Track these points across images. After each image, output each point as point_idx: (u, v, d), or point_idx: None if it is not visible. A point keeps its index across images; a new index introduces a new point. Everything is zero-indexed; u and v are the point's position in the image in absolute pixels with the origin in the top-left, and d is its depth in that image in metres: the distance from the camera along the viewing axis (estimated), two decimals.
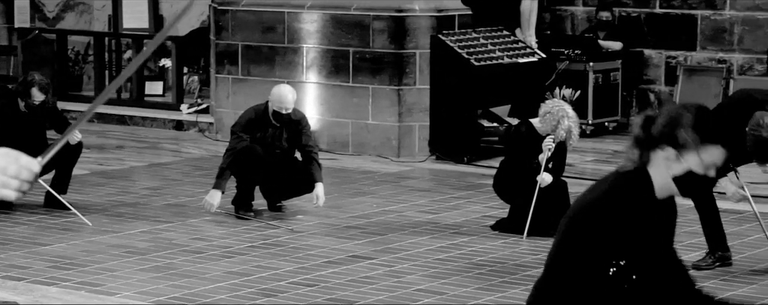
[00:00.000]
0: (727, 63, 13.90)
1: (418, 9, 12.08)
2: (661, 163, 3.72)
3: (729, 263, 8.02)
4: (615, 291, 3.69)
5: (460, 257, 8.33)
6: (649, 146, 3.73)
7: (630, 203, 3.68)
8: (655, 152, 3.72)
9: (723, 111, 7.72)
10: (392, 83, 12.05)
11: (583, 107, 12.73)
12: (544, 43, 13.33)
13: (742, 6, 13.80)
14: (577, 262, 3.70)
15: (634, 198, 3.68)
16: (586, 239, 3.68)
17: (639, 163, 3.74)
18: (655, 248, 3.74)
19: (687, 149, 3.69)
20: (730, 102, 7.87)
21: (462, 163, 11.68)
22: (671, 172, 3.71)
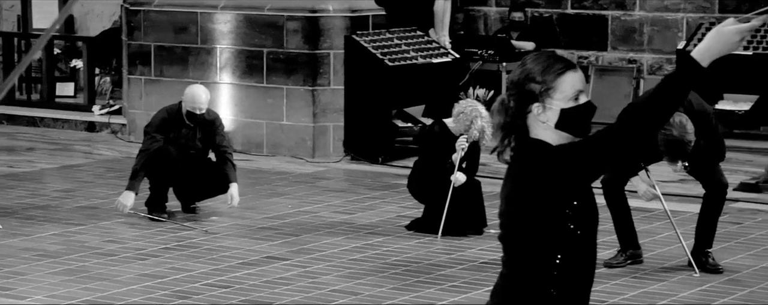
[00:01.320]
0: (638, 63, 14.08)
1: (331, 9, 12.08)
2: (537, 124, 3.72)
3: (640, 260, 8.11)
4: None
5: (375, 257, 8.34)
6: (516, 120, 3.74)
7: (550, 154, 3.69)
8: (527, 119, 3.73)
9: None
10: (306, 84, 12.03)
11: None
12: (457, 44, 13.40)
13: (651, 7, 13.99)
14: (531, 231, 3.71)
15: (544, 165, 3.69)
16: (534, 202, 3.69)
17: (522, 141, 3.74)
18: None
19: (545, 95, 3.70)
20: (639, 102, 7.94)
21: (376, 163, 11.70)
22: (550, 123, 3.71)
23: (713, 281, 7.73)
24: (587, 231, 3.74)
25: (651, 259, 8.20)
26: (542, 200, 3.67)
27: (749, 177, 10.69)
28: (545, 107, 3.71)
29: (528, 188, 3.69)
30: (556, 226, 3.69)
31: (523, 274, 3.73)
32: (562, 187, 3.66)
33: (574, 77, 3.73)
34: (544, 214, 3.68)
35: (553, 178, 3.66)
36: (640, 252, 8.15)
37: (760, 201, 10.04)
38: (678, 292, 7.50)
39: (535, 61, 3.75)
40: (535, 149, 3.71)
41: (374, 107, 11.79)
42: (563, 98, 3.70)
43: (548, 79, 3.71)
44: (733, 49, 3.65)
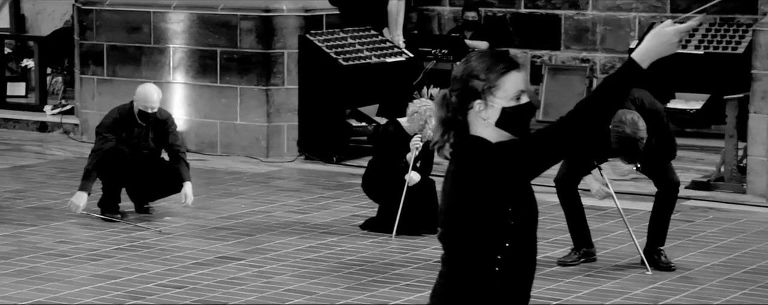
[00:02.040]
0: (590, 62, 14.15)
1: (285, 9, 12.05)
2: (478, 121, 3.75)
3: (593, 259, 8.16)
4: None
5: (330, 256, 8.34)
6: (457, 116, 3.76)
7: (489, 151, 3.70)
8: (467, 116, 3.76)
9: None
10: (260, 83, 12.00)
11: None
12: (411, 43, 13.41)
13: (603, 6, 14.06)
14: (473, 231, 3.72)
15: (483, 162, 3.70)
16: (475, 202, 3.70)
17: (462, 137, 3.75)
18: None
19: (487, 93, 3.73)
20: None
21: (331, 163, 11.69)
22: (491, 121, 3.74)
23: (665, 278, 7.79)
24: (527, 228, 3.77)
25: (604, 257, 8.24)
26: (481, 197, 3.69)
27: (701, 175, 10.77)
28: (487, 104, 3.74)
29: (467, 186, 3.71)
30: (496, 223, 3.71)
31: (463, 272, 3.74)
32: (501, 184, 3.69)
33: (517, 77, 3.76)
34: (484, 211, 3.70)
35: (492, 175, 3.68)
36: (594, 250, 8.19)
37: (712, 199, 10.12)
38: (630, 290, 7.54)
39: (479, 59, 3.78)
40: (475, 146, 3.73)
41: (328, 106, 11.78)
42: (505, 97, 3.73)
43: (492, 77, 3.74)
44: (672, 50, 3.71)
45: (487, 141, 3.73)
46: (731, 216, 9.55)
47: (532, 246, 3.81)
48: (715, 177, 10.54)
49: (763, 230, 9.09)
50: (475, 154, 3.72)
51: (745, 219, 9.45)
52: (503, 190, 3.69)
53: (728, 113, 10.51)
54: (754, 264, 8.12)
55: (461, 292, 3.74)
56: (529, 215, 3.76)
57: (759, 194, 10.11)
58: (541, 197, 10.33)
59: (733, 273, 7.91)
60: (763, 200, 10.00)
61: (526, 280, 3.80)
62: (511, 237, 3.73)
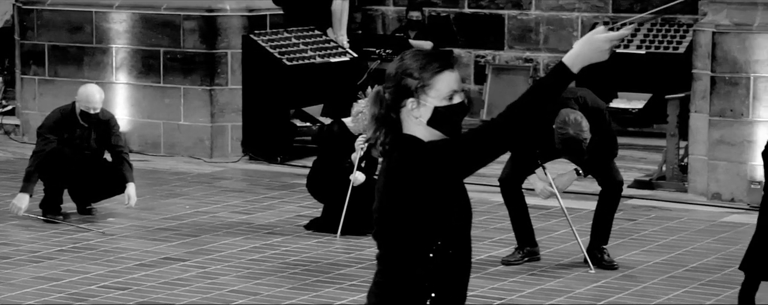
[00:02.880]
0: (534, 62, 14.22)
1: (229, 9, 12.01)
2: (410, 120, 3.77)
3: (537, 258, 8.19)
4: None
5: (274, 257, 8.32)
6: (390, 114, 3.77)
7: (421, 150, 3.71)
8: (400, 113, 3.77)
9: None
10: (204, 84, 11.95)
11: None
12: (355, 43, 13.41)
13: (547, 6, 14.14)
14: (404, 236, 3.73)
15: (415, 160, 3.71)
16: (405, 210, 3.71)
17: (391, 139, 3.77)
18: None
19: (420, 91, 3.75)
20: None
21: (275, 163, 11.67)
22: (423, 120, 3.75)
23: (608, 277, 7.84)
24: (460, 227, 3.78)
25: (548, 256, 8.28)
26: (413, 195, 3.70)
27: (643, 174, 10.86)
28: (420, 103, 3.75)
29: (399, 184, 3.72)
30: (428, 222, 3.72)
31: (397, 270, 3.75)
32: (433, 183, 3.70)
33: (451, 76, 3.78)
34: (415, 210, 3.71)
35: (424, 174, 3.69)
36: (537, 250, 8.23)
37: (654, 198, 10.20)
38: (574, 289, 7.59)
39: (413, 57, 3.79)
40: (407, 145, 3.75)
41: (273, 106, 11.75)
42: (438, 96, 3.75)
43: (425, 76, 3.75)
44: (602, 57, 3.76)
45: (420, 140, 3.75)
46: (673, 215, 9.63)
47: (467, 244, 3.82)
48: (657, 176, 10.63)
49: (704, 228, 9.18)
50: (407, 153, 3.73)
51: (687, 218, 9.53)
52: (435, 189, 3.71)
53: (670, 113, 10.60)
54: (696, 262, 8.19)
55: (395, 291, 3.75)
56: (462, 214, 3.78)
57: (700, 192, 10.20)
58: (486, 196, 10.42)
59: (675, 271, 7.98)
60: (704, 199, 10.10)
61: (462, 279, 3.81)
62: (444, 235, 3.74)
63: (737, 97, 9.91)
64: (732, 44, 9.92)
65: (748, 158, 9.80)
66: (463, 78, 15.49)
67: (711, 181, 10.08)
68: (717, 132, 10.02)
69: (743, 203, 9.80)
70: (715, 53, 10.02)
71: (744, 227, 8.92)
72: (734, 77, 9.92)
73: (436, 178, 3.70)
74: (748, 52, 9.86)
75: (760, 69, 9.76)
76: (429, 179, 3.70)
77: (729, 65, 9.94)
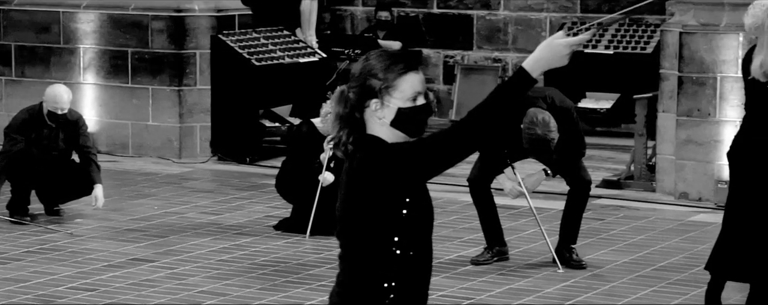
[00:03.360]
0: (503, 62, 14.25)
1: (197, 9, 11.99)
2: (374, 120, 3.78)
3: (506, 257, 8.21)
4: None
5: (243, 257, 8.31)
6: (354, 113, 3.78)
7: (384, 151, 3.72)
8: (364, 114, 3.78)
9: None
10: (172, 84, 11.92)
11: None
12: (324, 43, 13.41)
13: (515, 6, 14.17)
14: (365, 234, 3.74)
15: (377, 161, 3.71)
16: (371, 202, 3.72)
17: (355, 139, 3.78)
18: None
19: (384, 93, 3.76)
20: None
21: (244, 163, 11.65)
22: (386, 121, 3.77)
23: (577, 276, 7.87)
24: (422, 229, 3.79)
25: (516, 256, 8.30)
26: (375, 196, 3.71)
27: (611, 174, 10.90)
28: (383, 104, 3.76)
29: (361, 185, 3.73)
30: (389, 223, 3.72)
31: (359, 270, 3.76)
32: (394, 185, 3.71)
33: (415, 78, 3.78)
34: (377, 211, 3.72)
35: (386, 176, 3.70)
36: (506, 249, 8.24)
37: (622, 197, 10.24)
38: (543, 288, 7.61)
39: (378, 58, 3.80)
40: (370, 146, 3.75)
41: (241, 107, 11.74)
42: (402, 97, 3.76)
43: (389, 77, 3.76)
44: (562, 62, 3.78)
45: (383, 141, 3.75)
46: (641, 214, 9.67)
47: (428, 246, 3.83)
48: (626, 176, 10.67)
49: (672, 227, 9.22)
50: (370, 154, 3.74)
51: (655, 217, 9.58)
52: (397, 190, 3.71)
53: (637, 112, 10.65)
54: (663, 262, 8.23)
55: (356, 291, 3.76)
56: (423, 215, 3.78)
57: (668, 192, 10.25)
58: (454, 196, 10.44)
59: (643, 271, 8.01)
60: (671, 198, 10.14)
61: (423, 280, 3.82)
62: (406, 236, 3.75)
63: (704, 97, 9.96)
64: (699, 44, 9.97)
65: (715, 158, 9.85)
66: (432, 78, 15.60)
67: (678, 180, 10.13)
68: (684, 132, 10.07)
69: (710, 203, 9.86)
70: (682, 53, 10.07)
71: (711, 226, 8.97)
72: (701, 77, 9.97)
73: (398, 180, 3.70)
74: (715, 52, 9.91)
75: (727, 69, 9.81)
76: (391, 181, 3.70)
77: (696, 65, 9.99)
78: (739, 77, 9.25)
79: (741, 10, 9.55)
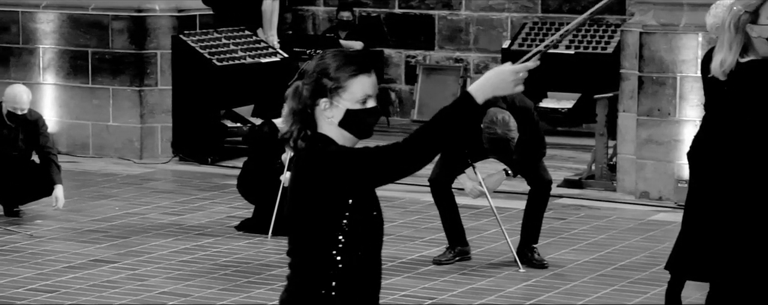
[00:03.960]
0: (464, 62, 14.28)
1: (158, 9, 11.94)
2: (323, 119, 3.81)
3: (468, 257, 8.23)
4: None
5: (205, 258, 8.29)
6: (306, 110, 3.81)
7: (330, 153, 3.73)
8: (315, 112, 3.81)
9: None
10: (133, 84, 11.87)
11: None
12: (286, 43, 13.39)
13: (476, 6, 14.20)
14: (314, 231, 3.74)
15: (320, 162, 3.73)
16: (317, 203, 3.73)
17: (306, 135, 3.81)
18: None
19: (335, 93, 3.78)
20: None
21: (206, 164, 11.62)
22: (334, 120, 3.79)
23: (538, 276, 7.89)
24: (368, 232, 3.79)
25: (478, 255, 8.32)
26: (317, 196, 3.72)
27: (572, 174, 10.94)
28: (332, 103, 3.78)
29: (304, 183, 3.74)
30: (332, 225, 3.73)
31: (305, 272, 3.77)
32: (335, 187, 3.72)
33: (366, 81, 3.80)
34: (319, 211, 3.72)
35: (326, 177, 3.72)
36: (468, 249, 8.26)
37: (583, 197, 10.28)
38: (504, 288, 7.63)
39: (333, 57, 3.82)
40: (317, 145, 3.77)
41: (203, 107, 11.70)
42: (351, 99, 3.78)
43: (341, 77, 3.78)
44: (507, 89, 3.79)
45: (332, 141, 3.77)
46: (602, 214, 9.72)
47: (376, 251, 3.83)
48: (587, 175, 10.72)
49: (632, 227, 9.27)
50: (314, 153, 3.75)
51: (615, 216, 9.62)
52: (339, 193, 3.72)
53: (598, 112, 10.69)
54: (624, 261, 8.27)
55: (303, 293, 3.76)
56: (369, 219, 3.79)
57: (628, 191, 10.30)
58: (416, 196, 10.45)
59: (604, 270, 8.05)
60: (632, 198, 10.19)
61: (371, 286, 3.82)
62: (349, 240, 3.75)
63: (664, 96, 10.02)
64: (659, 44, 10.03)
65: (675, 157, 9.91)
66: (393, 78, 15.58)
67: (639, 180, 10.18)
68: (645, 131, 10.13)
69: (671, 202, 9.91)
70: (642, 53, 10.12)
71: (671, 225, 9.02)
72: (661, 76, 10.02)
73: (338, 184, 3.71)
74: (675, 52, 9.97)
75: (687, 69, 9.87)
76: (331, 184, 3.71)
77: (656, 65, 10.04)
78: (698, 76, 9.32)
79: (700, 10, 9.63)
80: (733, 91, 5.43)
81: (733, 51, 5.28)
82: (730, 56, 5.30)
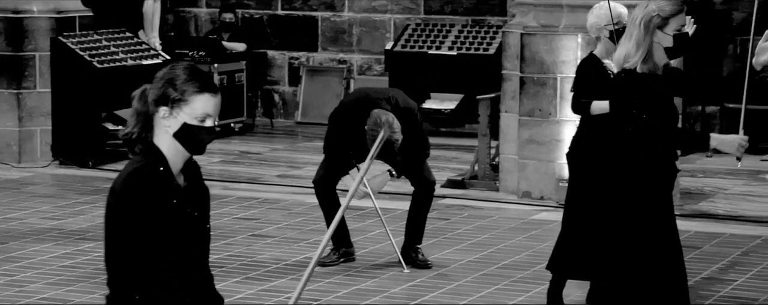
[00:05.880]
0: (348, 63, 14.30)
1: (36, 10, 11.76)
2: (160, 128, 3.88)
3: (352, 258, 8.23)
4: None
5: (86, 263, 8.17)
6: (148, 113, 3.89)
7: (140, 178, 3.83)
8: (155, 118, 3.89)
9: (344, 110, 7.92)
10: (11, 87, 11.67)
11: None
12: (168, 45, 13.27)
13: (359, 8, 14.23)
14: (122, 248, 3.83)
15: (144, 172, 3.82)
16: (119, 224, 3.84)
17: (144, 138, 3.89)
18: (179, 225, 3.86)
19: (176, 104, 3.85)
20: (349, 101, 8.08)
21: (86, 167, 11.47)
22: (170, 130, 3.86)
23: (422, 276, 7.93)
24: (186, 249, 3.83)
25: (363, 257, 8.33)
26: (128, 215, 3.85)
27: (456, 174, 11.01)
28: (172, 114, 3.85)
29: (114, 199, 3.88)
30: (146, 242, 3.82)
31: (119, 290, 3.88)
32: (143, 208, 3.83)
33: (210, 100, 3.86)
34: (131, 228, 3.82)
35: (132, 198, 3.84)
36: (353, 250, 8.27)
37: (467, 197, 10.35)
38: (389, 288, 7.65)
39: (183, 70, 3.88)
40: (140, 159, 3.87)
41: (83, 109, 11.55)
42: (191, 113, 3.85)
43: (186, 91, 3.84)
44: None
45: (158, 156, 3.84)
46: (485, 213, 9.80)
47: (198, 267, 3.87)
48: (470, 175, 10.80)
49: (515, 226, 9.36)
50: (131, 169, 3.85)
51: (498, 216, 9.71)
52: (149, 213, 3.80)
53: (481, 113, 10.78)
54: (507, 260, 8.35)
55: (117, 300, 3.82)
56: (190, 236, 3.82)
57: (511, 191, 10.40)
58: (300, 198, 10.43)
59: (487, 269, 8.11)
60: (514, 197, 10.29)
61: (199, 298, 3.90)
62: (167, 258, 3.80)
63: (545, 97, 10.14)
64: (539, 45, 10.14)
65: (556, 157, 10.03)
66: (277, 79, 15.54)
67: (521, 180, 10.29)
68: (526, 132, 10.23)
69: (552, 201, 10.03)
70: (523, 54, 10.23)
71: (553, 224, 9.12)
72: (542, 77, 10.14)
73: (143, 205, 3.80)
74: (555, 53, 10.09)
75: (567, 69, 9.99)
76: (138, 204, 3.80)
77: (537, 66, 10.16)
78: None
79: (579, 11, 9.77)
80: (619, 93, 5.48)
81: (639, 52, 5.32)
82: (634, 56, 5.34)
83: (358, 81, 13.98)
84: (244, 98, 13.61)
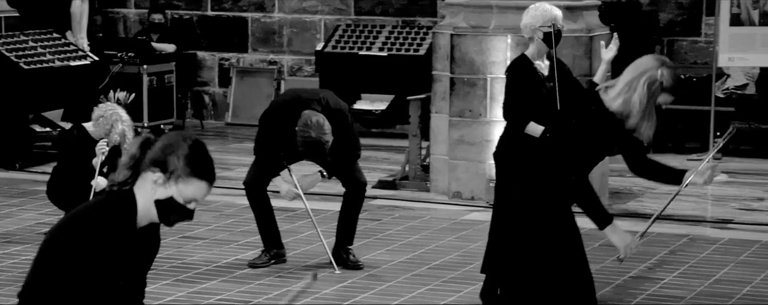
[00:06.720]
0: (278, 64, 14.27)
1: None
2: (148, 185, 3.87)
3: (283, 260, 8.22)
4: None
5: (13, 266, 8.08)
6: (141, 167, 3.87)
7: (104, 228, 3.79)
8: (146, 173, 3.87)
9: (274, 111, 7.90)
10: None
11: (139, 110, 12.68)
12: (96, 46, 13.17)
13: (290, 9, 14.21)
14: (53, 286, 3.81)
15: (110, 223, 3.80)
16: (61, 261, 3.80)
17: (128, 183, 3.88)
18: (120, 276, 3.87)
19: (173, 177, 3.85)
20: (279, 102, 8.06)
21: (14, 169, 11.36)
22: (155, 195, 3.87)
23: (354, 277, 7.93)
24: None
25: (294, 258, 8.32)
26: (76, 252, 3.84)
27: (387, 175, 11.03)
28: (165, 183, 3.84)
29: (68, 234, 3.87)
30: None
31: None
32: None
33: (204, 188, 3.88)
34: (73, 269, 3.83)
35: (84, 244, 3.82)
36: (284, 252, 8.25)
37: (398, 198, 10.37)
38: (320, 289, 7.64)
39: (192, 148, 3.86)
40: (109, 214, 3.83)
41: (10, 111, 11.43)
42: (180, 193, 3.86)
43: (186, 170, 3.84)
44: None
45: (133, 208, 3.84)
46: (416, 214, 9.82)
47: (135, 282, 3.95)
48: (401, 176, 10.82)
49: (446, 226, 9.39)
50: (103, 217, 3.81)
51: (429, 217, 9.73)
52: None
53: (411, 113, 10.81)
54: (438, 260, 8.37)
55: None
56: (120, 288, 3.87)
57: (442, 191, 10.43)
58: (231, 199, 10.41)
59: (418, 270, 8.13)
60: (445, 198, 10.33)
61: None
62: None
63: (475, 97, 10.18)
64: (469, 46, 10.18)
65: (487, 158, 10.07)
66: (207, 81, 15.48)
67: (452, 180, 10.32)
68: (457, 132, 10.27)
69: (482, 202, 10.08)
70: (453, 55, 10.27)
71: (483, 224, 9.16)
72: (472, 78, 10.18)
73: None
74: (485, 53, 10.14)
75: (497, 70, 10.04)
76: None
77: (467, 67, 10.20)
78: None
79: (508, 12, 9.83)
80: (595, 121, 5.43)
81: (645, 120, 5.34)
82: (633, 118, 5.34)
83: (289, 82, 13.96)
84: (173, 99, 13.53)
